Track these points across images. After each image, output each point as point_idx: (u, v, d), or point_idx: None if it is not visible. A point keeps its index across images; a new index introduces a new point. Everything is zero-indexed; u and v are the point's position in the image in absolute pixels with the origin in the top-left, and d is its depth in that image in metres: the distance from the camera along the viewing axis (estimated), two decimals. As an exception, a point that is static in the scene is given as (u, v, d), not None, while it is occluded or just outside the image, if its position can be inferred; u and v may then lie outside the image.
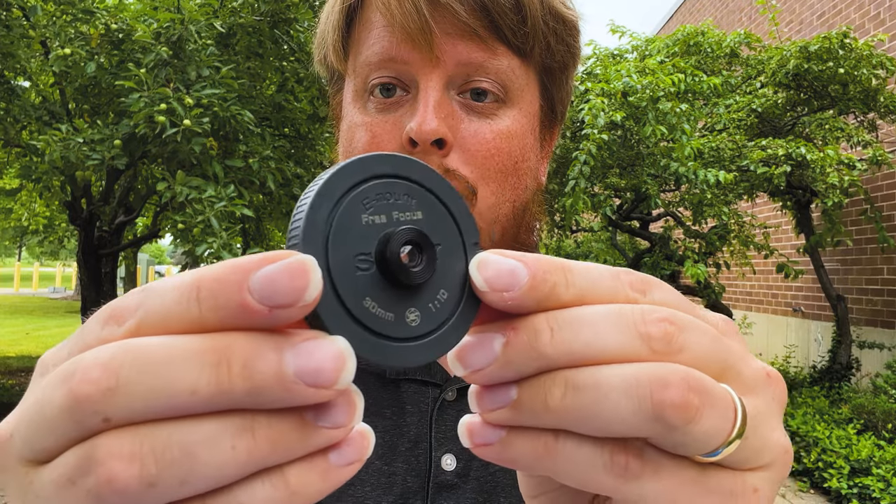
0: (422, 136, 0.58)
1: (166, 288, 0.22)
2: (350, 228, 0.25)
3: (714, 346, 0.26)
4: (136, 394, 0.21)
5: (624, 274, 0.27)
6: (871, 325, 6.51)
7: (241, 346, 0.21)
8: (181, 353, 0.21)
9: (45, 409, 0.22)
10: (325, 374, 0.22)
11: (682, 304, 0.28)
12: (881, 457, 4.41)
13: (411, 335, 0.25)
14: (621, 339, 0.25)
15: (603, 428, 0.24)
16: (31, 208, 9.84)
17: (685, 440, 0.25)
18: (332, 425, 0.23)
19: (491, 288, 0.25)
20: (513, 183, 0.64)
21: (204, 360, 0.21)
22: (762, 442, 0.27)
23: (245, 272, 0.21)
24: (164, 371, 0.21)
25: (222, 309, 0.21)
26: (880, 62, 5.54)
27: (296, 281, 0.21)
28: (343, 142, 0.67)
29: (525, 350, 0.25)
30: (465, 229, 0.28)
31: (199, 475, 0.21)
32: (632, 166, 5.33)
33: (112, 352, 0.21)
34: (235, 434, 0.21)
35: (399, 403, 0.66)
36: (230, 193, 4.12)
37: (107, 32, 4.63)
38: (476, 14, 0.59)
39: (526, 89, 0.65)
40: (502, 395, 0.25)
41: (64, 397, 0.21)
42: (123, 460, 0.20)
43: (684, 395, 0.24)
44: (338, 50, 0.66)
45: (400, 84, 0.62)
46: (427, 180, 0.28)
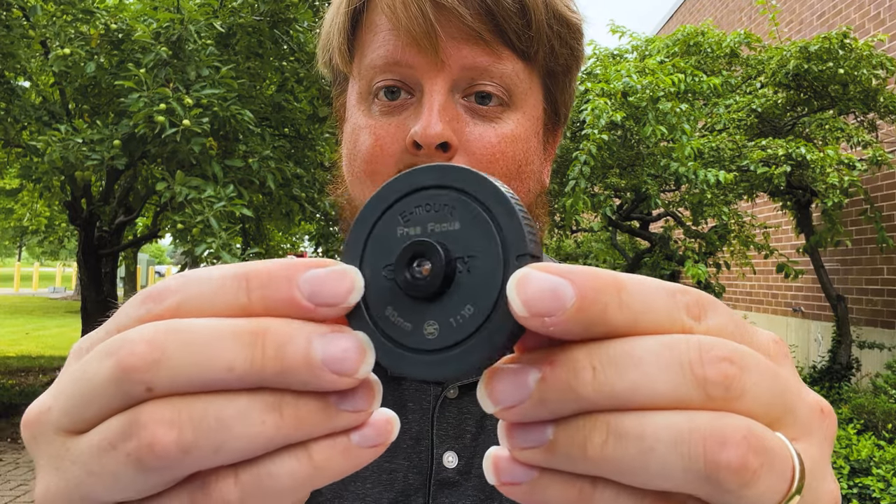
0: (426, 140, 0.58)
1: (212, 275, 0.25)
2: (385, 240, 0.27)
3: (774, 388, 0.24)
4: (179, 367, 0.22)
5: (680, 294, 0.24)
6: (871, 325, 6.51)
7: (276, 331, 0.23)
8: (222, 332, 0.23)
9: (91, 379, 0.23)
10: (348, 363, 0.23)
11: (738, 328, 0.25)
12: (881, 457, 4.41)
13: (427, 347, 0.25)
14: (674, 383, 0.22)
15: (646, 482, 0.22)
16: (33, 208, 9.84)
17: (735, 501, 0.22)
18: (353, 409, 0.24)
19: (531, 313, 0.22)
20: (517, 186, 0.64)
21: (242, 340, 0.23)
22: (815, 495, 0.25)
23: (295, 271, 0.24)
24: (205, 347, 0.23)
25: (271, 300, 0.24)
26: (880, 62, 5.54)
27: (341, 284, 0.24)
28: (347, 144, 0.67)
29: (563, 389, 0.22)
30: (509, 240, 0.26)
31: (232, 445, 0.23)
32: (632, 166, 5.33)
33: (157, 328, 0.23)
34: (265, 410, 0.23)
35: (401, 401, 0.66)
36: (230, 193, 4.12)
37: (107, 32, 4.63)
38: (481, 18, 0.59)
39: (530, 93, 0.65)
40: (537, 435, 0.23)
41: (112, 368, 0.23)
42: (164, 426, 0.22)
43: (743, 457, 0.21)
44: (343, 52, 0.67)
45: (405, 87, 0.62)
46: (475, 188, 0.27)
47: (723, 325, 0.25)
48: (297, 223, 6.82)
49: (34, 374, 8.45)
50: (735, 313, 0.26)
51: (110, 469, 0.23)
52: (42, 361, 9.41)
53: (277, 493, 0.24)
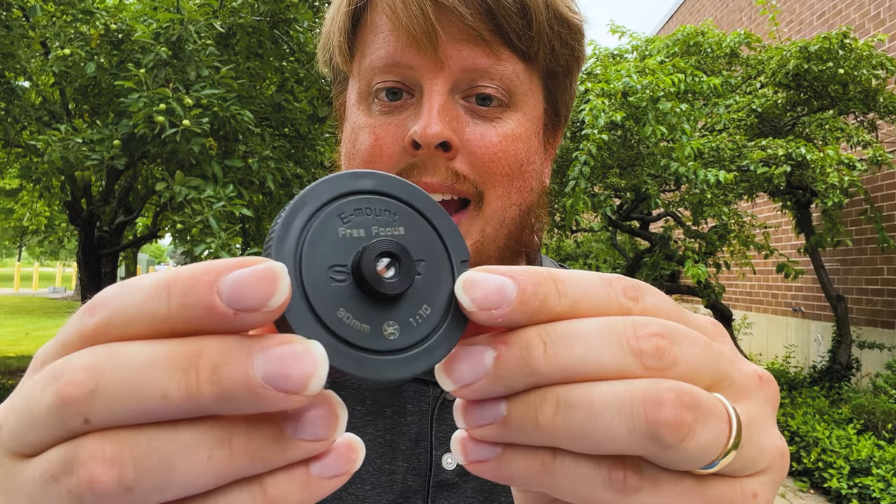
0: (426, 140, 0.58)
1: (142, 284, 0.23)
2: (325, 240, 0.25)
3: (706, 356, 0.26)
4: (112, 397, 0.21)
5: (616, 281, 0.27)
6: (871, 325, 6.51)
7: (212, 351, 0.21)
8: (154, 357, 0.21)
9: (33, 406, 0.22)
10: (294, 379, 0.21)
11: (673, 310, 0.28)
12: (881, 457, 4.41)
13: (389, 348, 0.25)
14: (614, 355, 0.24)
15: (595, 447, 0.24)
16: (33, 208, 9.84)
17: (681, 456, 0.24)
18: (311, 437, 0.23)
19: (479, 308, 0.25)
20: (519, 186, 0.64)
21: (175, 364, 0.21)
22: (758, 448, 0.27)
23: (216, 274, 0.22)
24: (138, 375, 0.21)
25: (189, 308, 0.22)
26: (880, 62, 5.54)
27: (263, 286, 0.21)
28: (346, 143, 0.67)
29: (517, 365, 0.24)
30: (452, 246, 0.28)
31: (176, 483, 0.21)
32: (632, 166, 5.33)
33: (95, 354, 0.22)
34: (213, 444, 0.21)
35: (400, 402, 0.66)
36: (229, 193, 4.12)
37: (106, 33, 4.63)
38: (482, 18, 0.59)
39: (530, 93, 0.65)
40: (491, 411, 0.25)
41: (51, 397, 0.22)
42: (104, 463, 0.21)
43: (678, 414, 0.23)
44: (343, 52, 0.67)
45: (405, 88, 0.62)
46: (411, 197, 0.28)
47: (659, 304, 0.27)
48: (297, 223, 6.81)
49: (34, 375, 8.45)
50: (669, 297, 0.28)
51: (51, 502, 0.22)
52: (42, 361, 9.41)
53: None
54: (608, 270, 9.63)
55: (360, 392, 0.67)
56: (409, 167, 0.61)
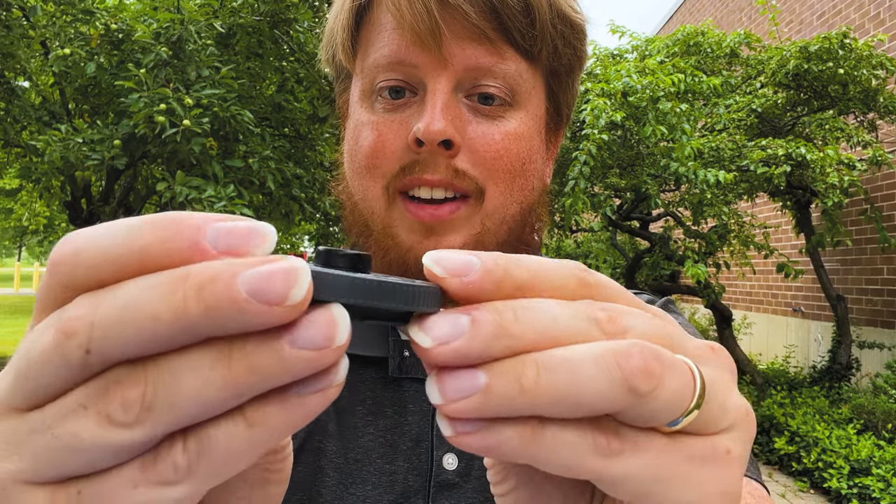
0: (429, 137, 0.58)
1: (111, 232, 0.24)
2: None
3: (655, 326, 0.28)
4: (109, 325, 0.22)
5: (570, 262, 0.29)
6: (871, 325, 6.51)
7: (198, 272, 0.22)
8: (145, 286, 0.22)
9: (32, 353, 0.23)
10: (276, 287, 0.21)
11: (622, 293, 0.29)
12: (881, 457, 4.41)
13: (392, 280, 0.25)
14: (576, 321, 0.26)
15: (581, 404, 0.25)
16: (33, 208, 9.84)
17: (653, 407, 0.25)
18: (309, 346, 0.22)
19: (450, 273, 0.26)
20: (520, 184, 0.64)
21: (164, 288, 0.22)
22: (721, 405, 0.28)
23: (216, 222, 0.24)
24: (131, 301, 0.22)
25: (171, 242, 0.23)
26: (880, 62, 5.54)
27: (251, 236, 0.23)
28: (349, 140, 0.67)
29: (491, 326, 0.25)
30: None
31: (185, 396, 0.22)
32: (632, 166, 5.34)
33: (92, 295, 0.23)
34: (214, 358, 0.22)
35: (401, 402, 0.66)
36: (230, 193, 4.12)
37: (107, 33, 4.63)
38: (486, 16, 0.59)
39: (533, 92, 0.65)
40: (469, 381, 0.24)
41: (51, 335, 0.23)
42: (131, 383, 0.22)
43: (647, 363, 0.25)
44: (346, 49, 0.67)
45: (408, 87, 0.62)
46: None
47: (607, 284, 0.29)
48: (297, 223, 6.82)
49: (34, 374, 8.44)
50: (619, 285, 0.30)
51: (77, 431, 0.22)
52: (42, 361, 9.40)
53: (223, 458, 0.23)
54: (608, 270, 9.63)
55: (360, 392, 0.67)
56: (411, 164, 0.61)
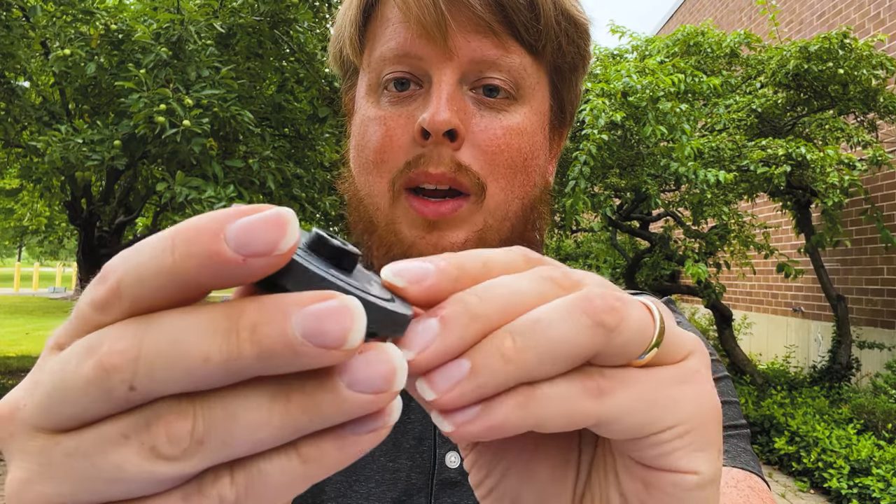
0: (434, 127, 0.59)
1: (146, 242, 0.23)
2: None
3: (605, 280, 0.29)
4: (156, 363, 0.21)
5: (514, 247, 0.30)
6: (871, 325, 6.52)
7: (250, 312, 0.21)
8: (194, 322, 0.22)
9: (69, 380, 0.22)
10: (332, 334, 0.21)
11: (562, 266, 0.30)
12: (881, 457, 4.41)
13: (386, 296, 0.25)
14: (535, 284, 0.27)
15: (561, 355, 0.26)
16: (33, 208, 9.85)
17: (624, 340, 0.26)
18: (368, 391, 0.23)
19: (408, 282, 0.26)
20: (522, 180, 0.65)
21: (214, 327, 0.21)
22: (677, 336, 0.29)
23: (222, 223, 0.21)
24: (179, 338, 0.21)
25: (195, 257, 0.21)
26: (880, 62, 5.54)
27: (272, 228, 0.21)
28: (356, 135, 0.68)
29: (461, 316, 0.26)
30: None
31: (240, 436, 0.22)
32: (632, 166, 5.34)
33: (135, 325, 0.22)
34: (271, 397, 0.22)
35: (404, 400, 0.67)
36: (230, 194, 4.12)
37: (107, 33, 4.64)
38: (491, 9, 0.60)
39: (537, 87, 0.66)
40: (455, 369, 0.25)
41: (92, 367, 0.22)
42: (178, 416, 0.22)
43: (608, 302, 0.26)
44: (354, 44, 0.67)
45: (413, 79, 0.63)
46: None
47: (549, 260, 0.31)
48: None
49: (34, 375, 8.45)
50: None
51: (119, 461, 0.22)
52: (42, 361, 9.40)
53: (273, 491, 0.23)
54: (608, 270, 9.62)
55: None
56: (415, 159, 0.61)
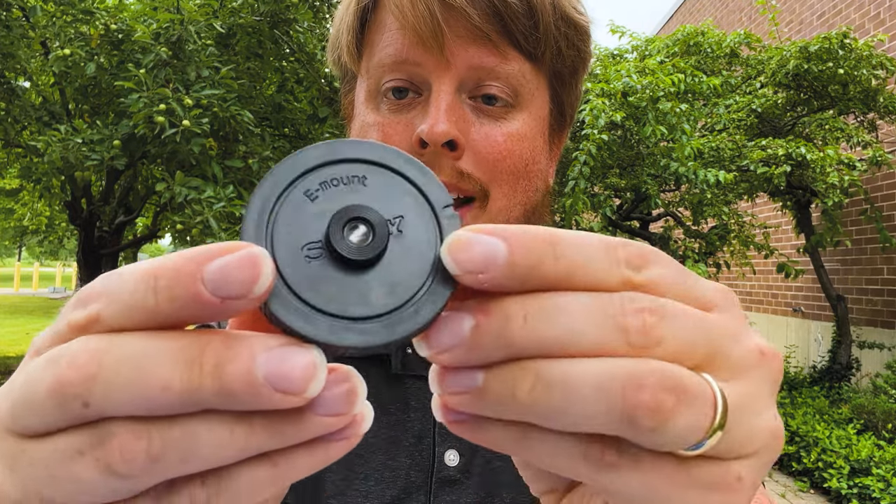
0: (433, 138, 0.59)
1: (128, 276, 0.23)
2: (294, 220, 0.25)
3: (697, 333, 0.25)
4: (113, 384, 0.22)
5: (621, 247, 0.25)
6: (871, 325, 6.51)
7: (216, 347, 0.22)
8: (158, 349, 0.22)
9: (32, 389, 0.23)
10: (294, 382, 0.22)
11: (679, 276, 0.26)
12: (881, 457, 4.41)
13: (374, 313, 0.24)
14: (597, 332, 0.24)
15: (571, 424, 0.24)
16: (33, 208, 9.85)
17: (660, 439, 0.24)
18: (330, 413, 0.23)
19: (464, 271, 0.24)
20: (524, 185, 0.65)
21: (178, 356, 0.22)
22: (748, 430, 0.26)
23: (199, 263, 0.22)
24: (140, 364, 0.22)
25: (177, 300, 0.22)
26: (880, 62, 5.54)
27: (246, 273, 0.22)
28: None
29: (495, 336, 0.23)
30: (432, 196, 0.26)
31: (200, 455, 0.22)
32: (632, 166, 5.33)
33: (97, 342, 0.22)
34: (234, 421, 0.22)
35: (403, 399, 0.67)
36: (229, 194, 4.12)
37: (106, 33, 4.64)
38: (489, 19, 0.59)
39: (536, 93, 0.66)
40: (467, 379, 0.24)
41: (50, 379, 0.22)
42: (133, 435, 0.22)
43: (657, 397, 0.23)
44: (351, 51, 0.67)
45: (412, 87, 0.63)
46: (379, 156, 0.26)
47: (663, 274, 0.26)
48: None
49: (34, 375, 8.44)
50: (678, 264, 0.27)
51: (76, 474, 0.22)
52: (42, 361, 9.40)
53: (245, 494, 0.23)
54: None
55: None
56: None
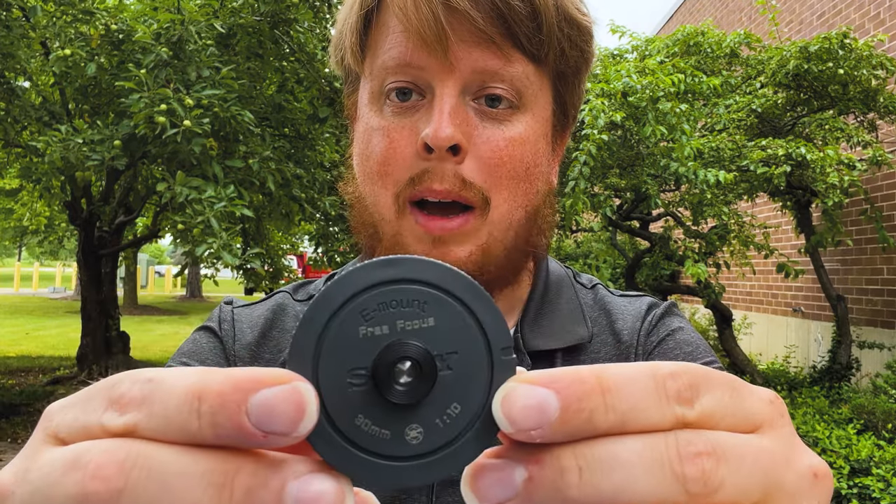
0: (437, 143, 0.59)
1: (170, 390, 0.23)
2: (345, 342, 0.24)
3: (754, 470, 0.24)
4: (139, 501, 0.21)
5: (670, 380, 0.24)
6: (871, 325, 6.52)
7: (247, 472, 0.22)
8: (189, 469, 0.22)
9: (52, 490, 0.22)
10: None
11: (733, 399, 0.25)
12: (881, 457, 4.42)
13: (411, 454, 0.24)
14: (655, 483, 0.22)
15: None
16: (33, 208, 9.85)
17: None
18: None
19: (517, 429, 0.22)
20: (525, 189, 0.65)
21: (210, 480, 0.22)
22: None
23: (245, 392, 0.22)
24: (170, 483, 0.21)
25: (220, 427, 0.22)
26: (880, 62, 5.54)
27: (292, 411, 0.22)
28: (359, 144, 0.68)
29: (549, 489, 0.22)
30: (492, 334, 0.25)
31: None
32: (632, 166, 5.34)
33: (127, 452, 0.22)
34: None
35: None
36: (230, 194, 4.12)
37: (107, 33, 4.64)
38: (492, 21, 0.59)
39: (539, 95, 0.66)
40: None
41: (75, 487, 0.22)
42: None
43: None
44: (355, 52, 0.67)
45: (416, 89, 0.63)
46: (445, 282, 0.25)
47: (717, 402, 0.25)
48: (297, 223, 6.82)
49: (34, 374, 8.45)
50: (729, 377, 0.26)
51: None
52: (42, 361, 9.40)
53: None
54: (608, 270, 9.62)
55: None
56: (420, 174, 0.62)
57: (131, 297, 18.33)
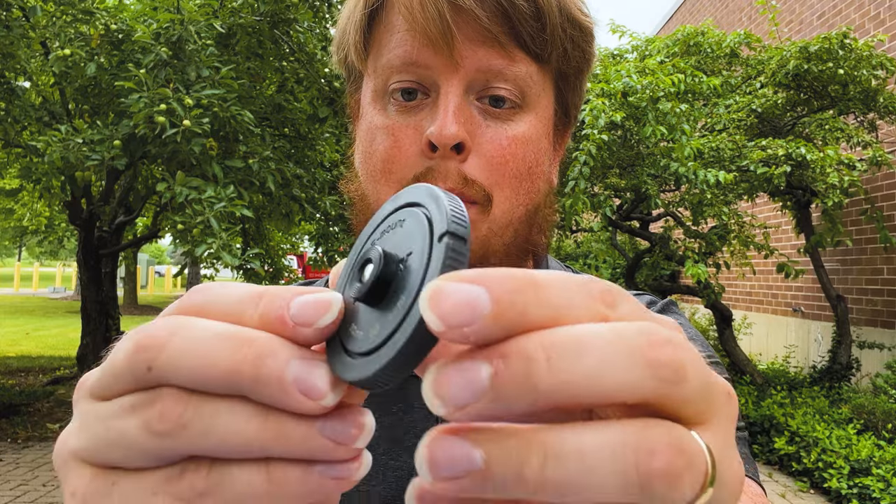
0: (441, 141, 0.59)
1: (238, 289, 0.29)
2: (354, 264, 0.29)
3: (702, 370, 0.24)
4: (176, 353, 0.26)
5: (591, 283, 0.24)
6: (871, 325, 6.52)
7: (262, 343, 0.26)
8: (220, 333, 0.26)
9: (116, 357, 0.27)
10: (315, 389, 0.25)
11: (644, 314, 0.25)
12: (881, 457, 4.42)
13: (364, 349, 0.25)
14: (629, 368, 0.22)
15: (582, 499, 0.22)
16: (33, 208, 9.85)
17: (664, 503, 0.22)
18: (333, 438, 0.26)
19: (448, 326, 0.21)
20: (527, 187, 0.65)
21: (231, 342, 0.26)
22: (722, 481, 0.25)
23: (295, 294, 0.27)
24: (201, 342, 0.26)
25: (267, 314, 0.27)
26: (880, 62, 5.55)
27: (317, 309, 0.26)
28: (363, 142, 0.68)
29: (519, 382, 0.21)
30: (435, 224, 0.25)
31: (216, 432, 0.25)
32: (632, 166, 5.34)
33: (177, 320, 0.27)
34: (252, 413, 0.25)
35: (406, 399, 0.67)
36: (230, 194, 4.12)
37: (107, 33, 4.64)
38: (497, 20, 0.60)
39: (542, 94, 0.66)
40: (464, 461, 0.21)
41: (130, 344, 0.27)
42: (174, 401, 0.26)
43: (670, 462, 0.22)
44: (359, 50, 0.67)
45: (421, 88, 0.63)
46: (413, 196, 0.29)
47: (632, 311, 0.25)
48: (297, 223, 6.82)
49: (34, 374, 8.45)
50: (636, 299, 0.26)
51: (123, 429, 0.26)
52: (42, 361, 9.41)
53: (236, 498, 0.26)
54: (608, 270, 9.62)
55: None
56: (425, 172, 0.62)
57: (131, 298, 18.34)
